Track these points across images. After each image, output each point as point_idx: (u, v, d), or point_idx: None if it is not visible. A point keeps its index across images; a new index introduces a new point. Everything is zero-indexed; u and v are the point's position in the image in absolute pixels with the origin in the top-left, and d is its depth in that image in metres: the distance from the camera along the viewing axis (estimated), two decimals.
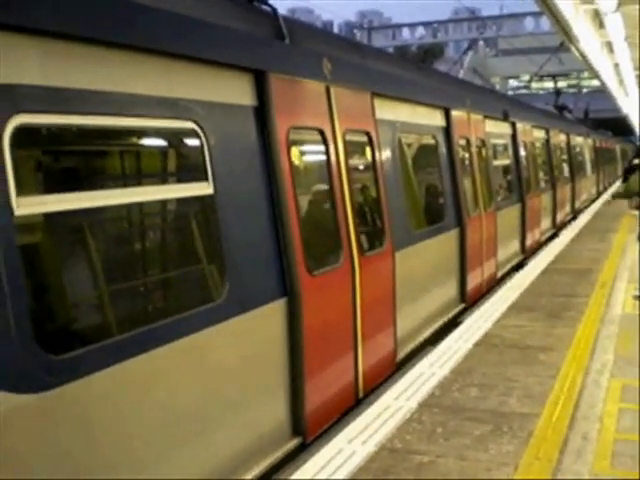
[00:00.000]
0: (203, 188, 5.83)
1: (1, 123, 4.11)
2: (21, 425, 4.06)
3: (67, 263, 5.82)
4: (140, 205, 6.07)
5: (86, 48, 4.74)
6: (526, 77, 72.51)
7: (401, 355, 9.43)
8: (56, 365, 4.31)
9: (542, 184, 21.79)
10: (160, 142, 6.54)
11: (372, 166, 9.04)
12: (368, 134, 8.88)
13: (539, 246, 19.82)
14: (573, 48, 22.26)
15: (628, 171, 28.10)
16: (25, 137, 4.45)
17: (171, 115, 5.56)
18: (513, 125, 17.83)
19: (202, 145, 5.80)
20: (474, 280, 13.17)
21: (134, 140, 6.33)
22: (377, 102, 9.11)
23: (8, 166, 4.09)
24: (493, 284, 14.60)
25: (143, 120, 5.41)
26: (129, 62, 5.13)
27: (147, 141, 6.47)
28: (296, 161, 7.44)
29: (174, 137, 6.35)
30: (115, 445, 4.77)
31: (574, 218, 26.53)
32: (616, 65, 26.43)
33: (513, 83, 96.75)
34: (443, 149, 12.15)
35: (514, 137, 17.97)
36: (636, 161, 30.22)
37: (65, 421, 4.39)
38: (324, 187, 8.09)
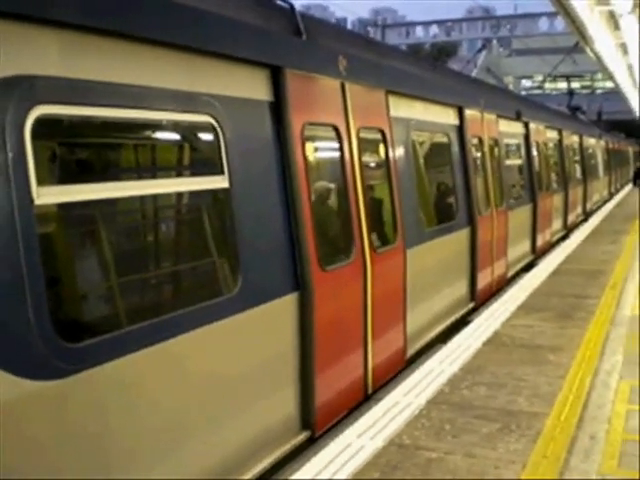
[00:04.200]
0: (219, 181, 5.88)
1: (22, 114, 4.17)
2: (37, 411, 4.12)
3: (86, 253, 5.87)
4: (157, 197, 6.11)
5: (106, 41, 4.79)
6: (539, 77, 72.43)
7: (411, 352, 9.46)
8: (73, 353, 4.37)
9: (554, 185, 21.76)
10: (178, 135, 6.58)
11: (385, 163, 9.06)
12: (382, 131, 8.90)
13: (550, 247, 19.79)
14: (588, 49, 22.27)
15: (638, 174, 28.24)
16: (46, 128, 4.50)
17: (189, 109, 5.61)
18: (526, 125, 17.82)
19: (219, 139, 5.84)
20: (484, 279, 13.17)
21: (153, 133, 6.38)
22: (391, 100, 9.13)
23: (29, 157, 4.15)
24: (503, 284, 14.59)
25: (162, 113, 5.46)
26: (149, 55, 5.18)
27: (165, 134, 6.51)
28: (310, 157, 7.46)
29: (192, 131, 6.39)
30: (129, 432, 4.83)
31: (585, 220, 26.47)
32: (630, 67, 26.39)
33: (526, 83, 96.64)
34: (456, 148, 12.16)
35: (527, 137, 17.96)
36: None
37: (80, 408, 4.44)
38: (338, 183, 8.12)
